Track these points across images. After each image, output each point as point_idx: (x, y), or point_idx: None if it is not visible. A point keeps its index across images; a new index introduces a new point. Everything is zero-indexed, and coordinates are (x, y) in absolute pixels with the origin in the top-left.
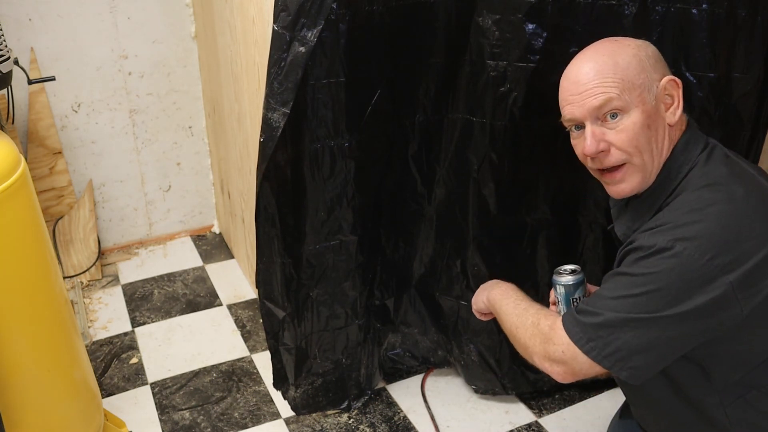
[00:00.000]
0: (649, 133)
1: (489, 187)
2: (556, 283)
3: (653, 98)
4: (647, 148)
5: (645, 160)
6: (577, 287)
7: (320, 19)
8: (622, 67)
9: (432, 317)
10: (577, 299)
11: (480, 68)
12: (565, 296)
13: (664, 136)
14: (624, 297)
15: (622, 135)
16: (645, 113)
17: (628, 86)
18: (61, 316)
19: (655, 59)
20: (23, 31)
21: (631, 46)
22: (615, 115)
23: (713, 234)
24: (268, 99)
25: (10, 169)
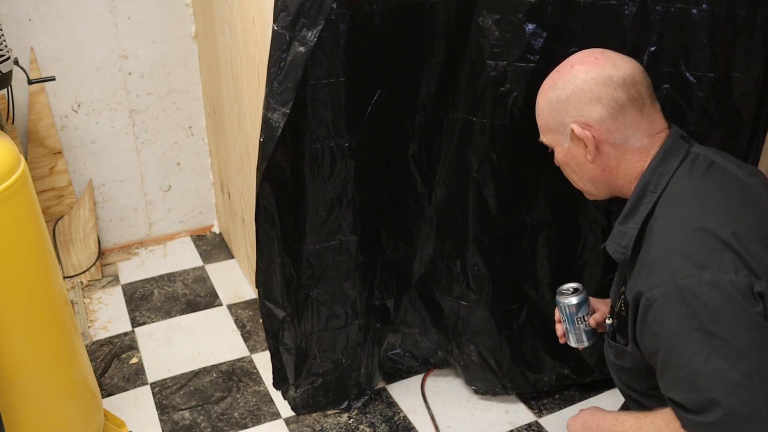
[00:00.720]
0: (570, 168)
1: (489, 187)
2: (561, 304)
3: (566, 140)
4: (578, 179)
5: (579, 185)
6: (580, 307)
7: (320, 19)
8: (541, 110)
9: (432, 317)
10: (581, 318)
11: (480, 68)
12: (570, 317)
13: (588, 170)
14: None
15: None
16: (561, 153)
17: (545, 128)
18: (61, 316)
19: (571, 101)
20: (23, 31)
21: (553, 85)
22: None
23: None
24: (268, 99)
25: (10, 169)
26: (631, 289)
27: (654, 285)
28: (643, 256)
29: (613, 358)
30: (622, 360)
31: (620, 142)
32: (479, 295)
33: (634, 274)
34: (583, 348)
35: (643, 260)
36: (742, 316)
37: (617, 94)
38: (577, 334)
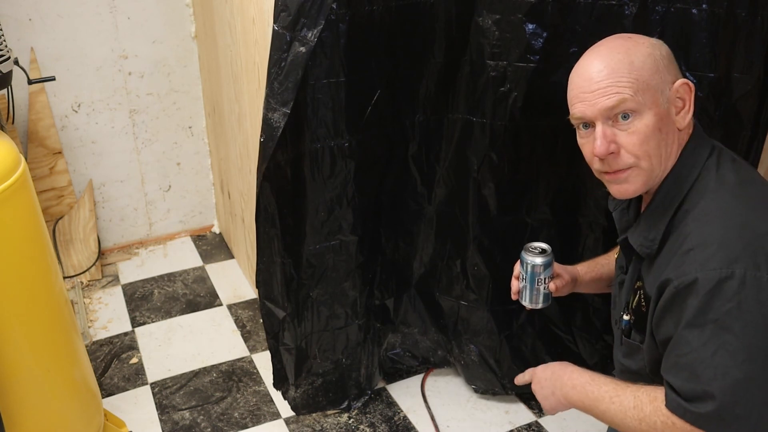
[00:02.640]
0: (659, 137)
1: (489, 187)
2: (525, 261)
3: (665, 101)
4: (656, 153)
5: (653, 165)
6: (545, 268)
7: (320, 19)
8: (637, 67)
9: (432, 317)
10: (542, 279)
11: (480, 68)
12: (532, 276)
13: (673, 140)
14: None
15: (633, 138)
16: (657, 116)
17: (642, 87)
18: (61, 316)
19: (668, 60)
20: (23, 31)
21: (646, 44)
22: (627, 116)
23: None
24: (269, 99)
25: (10, 169)
26: (655, 279)
27: (684, 273)
28: (673, 247)
29: (621, 357)
30: (631, 359)
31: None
32: (479, 295)
33: (658, 266)
34: (532, 309)
35: (673, 250)
36: (763, 318)
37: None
38: (533, 295)
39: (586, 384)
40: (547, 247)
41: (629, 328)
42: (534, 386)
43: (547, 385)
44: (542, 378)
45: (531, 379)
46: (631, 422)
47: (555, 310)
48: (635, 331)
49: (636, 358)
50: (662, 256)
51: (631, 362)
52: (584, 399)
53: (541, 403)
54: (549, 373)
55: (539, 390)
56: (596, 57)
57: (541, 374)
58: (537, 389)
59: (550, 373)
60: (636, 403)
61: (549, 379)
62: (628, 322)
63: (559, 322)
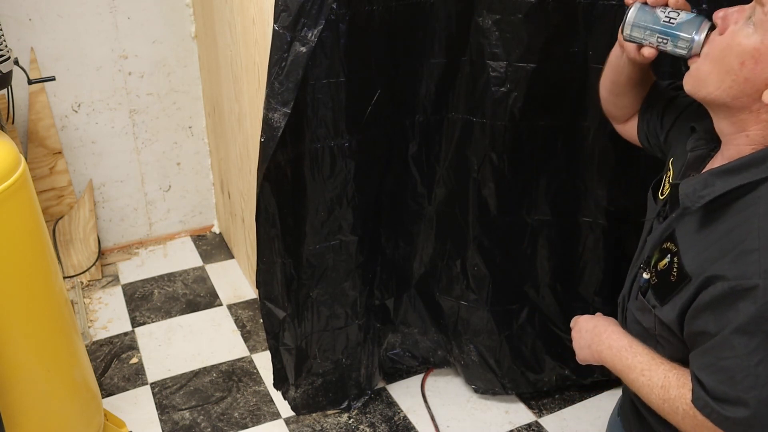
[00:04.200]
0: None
1: (489, 187)
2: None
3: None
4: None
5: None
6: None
7: (321, 19)
8: None
9: (432, 317)
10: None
11: (480, 68)
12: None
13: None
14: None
15: (727, 39)
16: (756, 50)
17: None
18: (61, 316)
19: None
20: (23, 31)
21: None
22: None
23: None
24: (269, 99)
25: (10, 169)
26: (700, 259)
27: (744, 275)
28: (729, 233)
29: (635, 309)
30: (642, 315)
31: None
32: (479, 295)
33: (703, 242)
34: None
35: (731, 238)
36: None
37: None
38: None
39: (623, 349)
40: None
41: (647, 287)
42: (574, 333)
43: (587, 337)
44: (584, 328)
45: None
46: (656, 400)
47: (555, 310)
48: (653, 294)
49: (647, 317)
50: (710, 231)
51: (642, 317)
52: (617, 363)
53: (576, 352)
54: (591, 325)
55: (578, 338)
56: None
57: (584, 324)
58: (576, 337)
59: (592, 326)
60: (664, 383)
61: (590, 332)
62: (647, 281)
63: (559, 322)
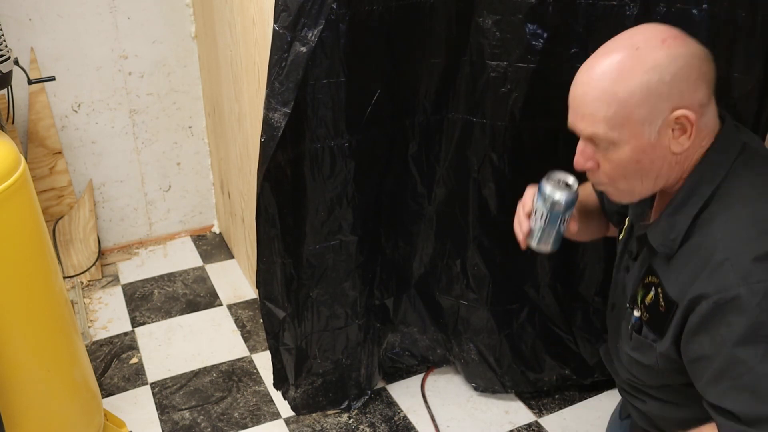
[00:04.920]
0: (639, 166)
1: (489, 187)
2: (547, 196)
3: (655, 131)
4: (636, 176)
5: (633, 186)
6: (569, 207)
7: (321, 19)
8: (621, 99)
9: (431, 316)
10: (564, 219)
11: (480, 68)
12: (553, 214)
13: (663, 164)
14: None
15: (607, 165)
16: (637, 148)
17: (620, 122)
18: (61, 316)
19: (675, 83)
20: (23, 31)
21: (646, 66)
22: (605, 145)
23: None
24: (269, 99)
25: (10, 169)
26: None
27: (723, 288)
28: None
29: (629, 349)
30: (641, 354)
31: (705, 128)
32: (479, 295)
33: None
34: (542, 252)
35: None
36: None
37: (714, 72)
38: (547, 236)
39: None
40: (573, 182)
41: (640, 325)
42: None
43: None
44: None
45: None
46: None
47: (555, 310)
48: (648, 329)
49: (648, 354)
50: (682, 255)
51: (641, 356)
52: None
53: None
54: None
55: None
56: (588, 72)
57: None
58: None
59: None
60: None
61: None
62: (639, 318)
63: (560, 322)
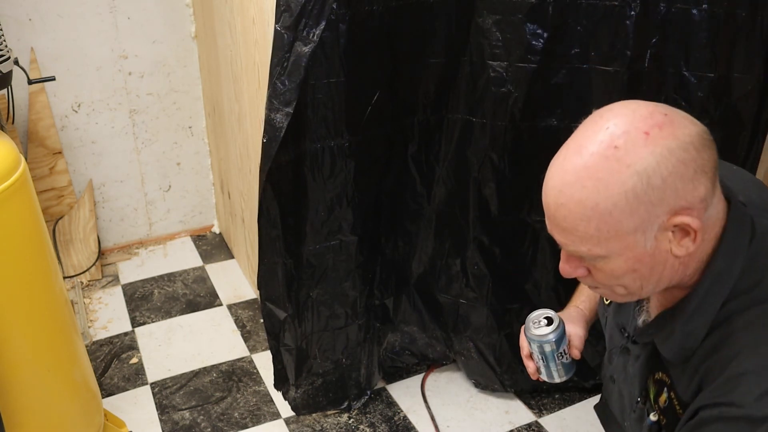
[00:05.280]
0: (637, 274)
1: (489, 187)
2: (534, 341)
3: (651, 238)
4: (634, 284)
5: (631, 290)
6: (560, 341)
7: (322, 19)
8: (602, 212)
9: (431, 315)
10: (562, 353)
11: (480, 68)
12: (549, 354)
13: (665, 267)
14: None
15: (600, 275)
16: (632, 259)
17: (605, 237)
18: (61, 316)
19: (668, 186)
20: (23, 31)
21: (630, 170)
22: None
23: None
24: (271, 99)
25: (10, 169)
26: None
27: (736, 403)
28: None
29: None
30: None
31: (707, 219)
32: (479, 294)
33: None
34: (561, 382)
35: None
36: None
37: (713, 155)
38: (556, 370)
39: None
40: (552, 315)
41: (658, 429)
42: None
43: None
44: None
45: None
46: None
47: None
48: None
49: None
50: (696, 356)
51: None
52: None
53: None
54: None
55: None
56: (560, 176)
57: None
58: None
59: None
60: None
61: None
62: (657, 423)
63: None
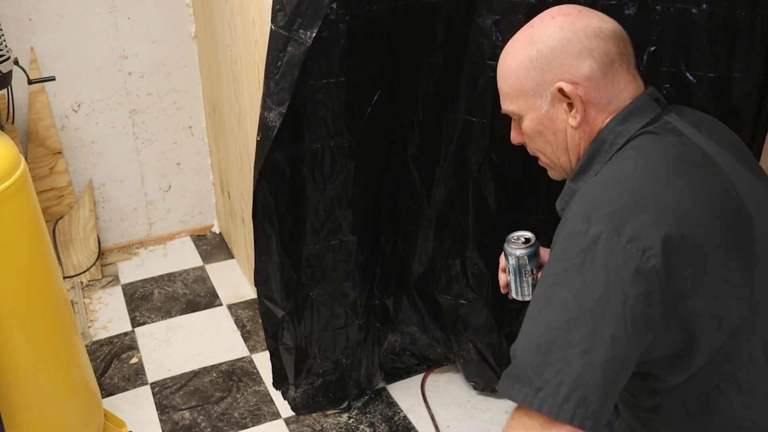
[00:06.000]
0: (543, 138)
1: (489, 187)
2: (509, 254)
3: (546, 103)
4: (547, 150)
5: (551, 159)
6: (530, 259)
7: (317, 19)
8: (513, 71)
9: (431, 316)
10: (530, 271)
11: (480, 68)
12: (517, 268)
13: (566, 137)
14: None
15: (525, 137)
16: (536, 120)
17: (515, 94)
18: (61, 316)
19: (555, 56)
20: (23, 31)
21: (531, 41)
22: (516, 118)
23: (633, 220)
24: (265, 98)
25: (10, 169)
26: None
27: (558, 230)
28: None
29: None
30: None
31: (605, 102)
32: (479, 294)
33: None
34: (524, 301)
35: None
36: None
37: (608, 47)
38: (521, 287)
39: None
40: (530, 236)
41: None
42: None
43: None
44: None
45: None
46: None
47: None
48: None
49: None
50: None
51: None
52: None
53: None
54: None
55: None
56: (504, 50)
57: None
58: None
59: None
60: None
61: None
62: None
63: None
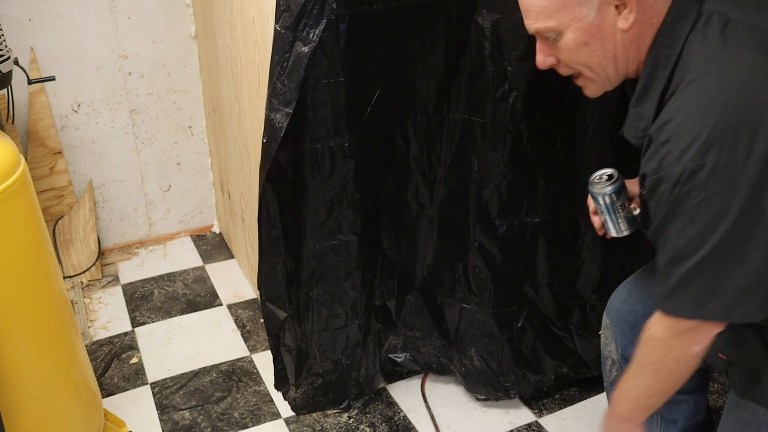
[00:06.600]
0: (589, 49)
1: (489, 187)
2: (596, 195)
3: (593, 9)
4: (593, 62)
5: (596, 71)
6: (619, 194)
7: (322, 19)
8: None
9: (434, 320)
10: (622, 206)
11: (480, 68)
12: (610, 207)
13: (616, 43)
14: (692, 238)
15: (563, 53)
16: (580, 31)
17: (555, 8)
18: (61, 316)
19: None
20: (23, 31)
21: None
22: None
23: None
24: (271, 99)
25: (10, 169)
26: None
27: (659, 167)
28: (656, 136)
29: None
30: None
31: (652, 2)
32: (481, 298)
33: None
34: (624, 235)
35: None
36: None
37: None
38: (618, 223)
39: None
40: (612, 172)
41: (642, 219)
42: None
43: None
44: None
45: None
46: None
47: (552, 309)
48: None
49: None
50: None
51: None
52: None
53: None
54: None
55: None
56: None
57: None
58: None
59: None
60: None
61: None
62: (641, 213)
63: (557, 321)
